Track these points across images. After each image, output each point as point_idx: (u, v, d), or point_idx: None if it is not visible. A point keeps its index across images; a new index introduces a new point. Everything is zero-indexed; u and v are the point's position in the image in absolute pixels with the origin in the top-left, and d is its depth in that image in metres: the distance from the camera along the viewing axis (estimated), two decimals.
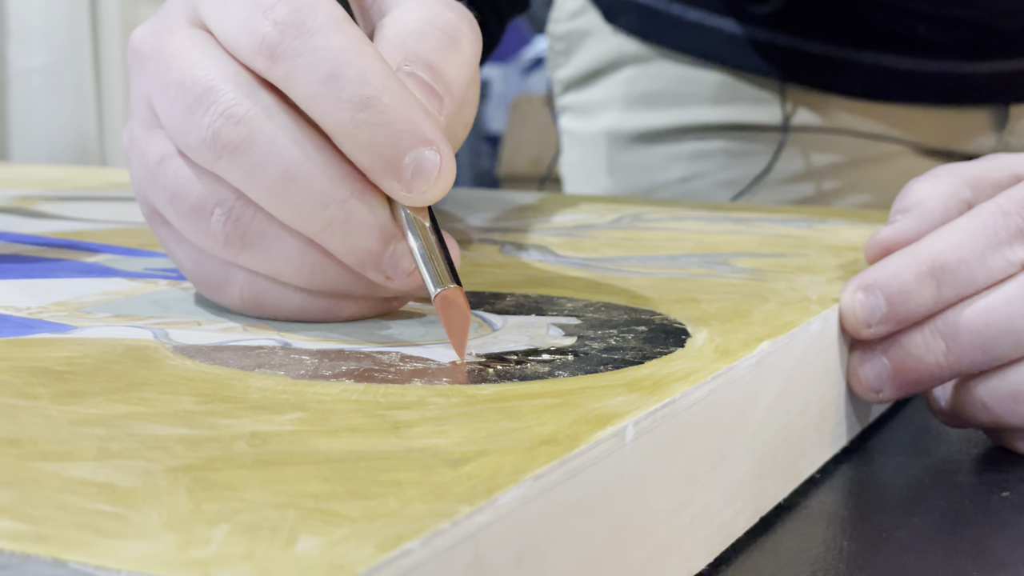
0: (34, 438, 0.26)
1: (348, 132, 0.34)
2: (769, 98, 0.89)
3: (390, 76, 0.34)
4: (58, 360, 0.32)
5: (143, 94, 0.37)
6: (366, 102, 0.33)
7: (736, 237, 0.55)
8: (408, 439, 0.26)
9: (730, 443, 0.33)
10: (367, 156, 0.34)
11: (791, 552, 0.34)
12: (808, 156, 0.90)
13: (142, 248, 0.50)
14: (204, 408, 0.28)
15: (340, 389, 0.30)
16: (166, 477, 0.23)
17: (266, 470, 0.24)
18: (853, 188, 0.91)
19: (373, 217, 0.34)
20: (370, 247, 0.35)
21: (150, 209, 0.38)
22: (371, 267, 0.35)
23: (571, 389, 0.30)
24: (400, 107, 0.33)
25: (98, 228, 0.56)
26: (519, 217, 0.62)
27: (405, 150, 0.33)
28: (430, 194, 0.34)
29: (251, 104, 0.34)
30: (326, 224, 0.34)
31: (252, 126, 0.34)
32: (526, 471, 0.24)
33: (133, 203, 0.65)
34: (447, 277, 0.34)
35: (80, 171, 0.86)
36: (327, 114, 0.34)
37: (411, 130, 0.33)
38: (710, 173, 0.92)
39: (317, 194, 0.34)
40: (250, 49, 0.34)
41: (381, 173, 0.34)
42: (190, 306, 0.39)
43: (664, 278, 0.45)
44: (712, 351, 0.34)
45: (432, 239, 0.34)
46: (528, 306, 0.40)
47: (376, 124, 0.33)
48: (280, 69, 0.34)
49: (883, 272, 0.40)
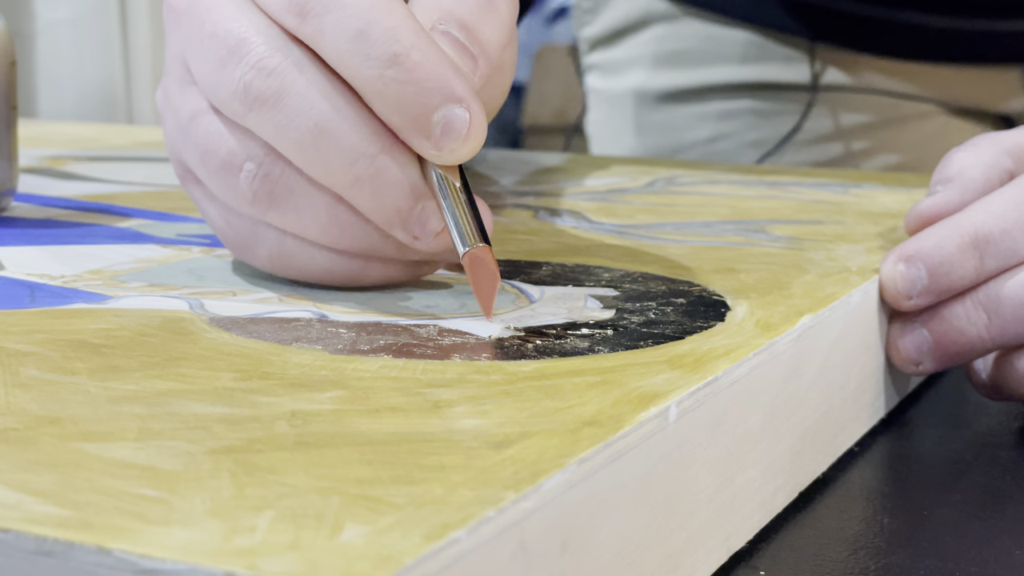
0: (74, 417, 0.25)
1: (377, 89, 0.33)
2: (798, 57, 0.88)
3: (419, 33, 0.33)
4: (95, 332, 0.32)
5: (177, 51, 0.37)
6: (394, 59, 0.33)
7: (772, 203, 0.55)
8: (449, 419, 0.26)
9: (771, 420, 0.32)
10: (396, 113, 0.33)
11: (831, 529, 0.33)
12: (837, 116, 0.89)
13: (174, 212, 0.50)
14: (243, 385, 0.28)
15: (379, 365, 0.29)
16: (208, 459, 0.23)
17: (308, 452, 0.24)
18: (883, 148, 0.90)
19: (403, 174, 0.34)
20: (398, 205, 0.34)
21: (183, 168, 0.38)
22: (399, 225, 0.35)
23: (612, 366, 0.30)
24: (429, 64, 0.33)
25: (129, 191, 0.55)
26: (551, 180, 0.62)
27: (434, 107, 0.33)
28: (460, 152, 0.33)
29: (283, 57, 0.34)
30: (354, 179, 0.34)
31: (283, 79, 0.34)
32: (570, 455, 0.24)
33: (164, 164, 0.65)
34: (475, 236, 0.33)
35: (109, 129, 0.86)
36: (356, 71, 0.33)
37: (440, 88, 0.33)
38: (738, 133, 0.91)
39: (346, 149, 0.34)
40: (280, 6, 0.34)
41: (410, 131, 0.33)
42: (225, 275, 0.39)
43: (701, 246, 0.44)
44: (753, 325, 0.34)
45: (462, 198, 0.34)
46: (564, 276, 0.39)
47: (404, 81, 0.33)
48: (310, 26, 0.34)
49: (925, 243, 0.40)
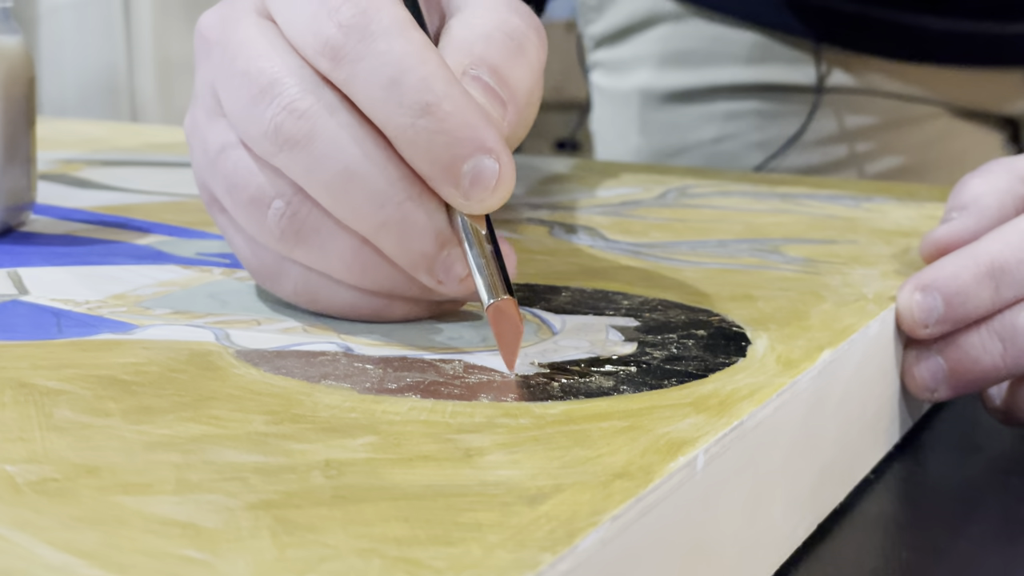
0: (112, 466, 0.26)
1: (408, 137, 0.33)
2: (803, 58, 0.88)
3: (452, 83, 0.33)
4: (124, 368, 0.32)
5: (207, 81, 0.37)
6: (426, 108, 0.33)
7: (784, 218, 0.55)
8: (482, 469, 0.26)
9: (793, 456, 0.33)
10: (426, 162, 0.34)
11: (850, 563, 0.34)
12: (842, 118, 0.90)
13: (192, 227, 0.50)
14: (275, 429, 0.28)
15: (408, 407, 0.30)
16: (247, 516, 0.23)
17: (345, 508, 0.24)
18: (887, 150, 0.90)
19: (429, 221, 0.34)
20: (424, 250, 0.35)
21: (209, 195, 0.38)
22: (424, 270, 0.35)
23: (638, 409, 0.30)
24: (461, 114, 0.33)
25: (145, 201, 0.56)
26: (562, 190, 0.62)
27: (464, 158, 0.33)
28: (488, 202, 0.34)
29: (314, 100, 0.34)
30: (381, 224, 0.34)
31: (314, 122, 0.34)
32: (603, 511, 0.24)
33: (176, 169, 0.65)
34: (500, 288, 0.33)
35: (118, 128, 0.86)
36: (387, 119, 0.34)
37: (471, 138, 0.33)
38: (743, 134, 0.91)
39: (374, 193, 0.34)
40: (314, 49, 0.34)
41: (439, 179, 0.34)
42: (248, 300, 0.39)
43: (716, 269, 0.45)
44: (774, 361, 0.34)
45: (487, 249, 0.34)
46: (584, 303, 0.40)
47: (435, 131, 0.33)
48: (343, 72, 0.34)
49: (941, 272, 0.40)
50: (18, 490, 0.24)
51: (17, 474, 0.25)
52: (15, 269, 0.42)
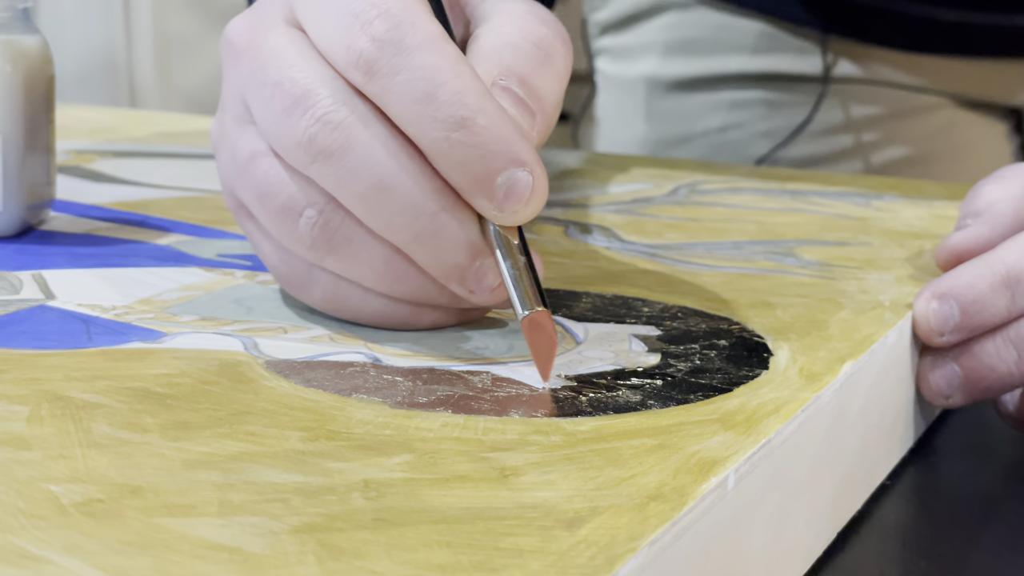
0: (154, 486, 0.26)
1: (442, 151, 0.34)
2: (810, 48, 0.89)
3: (486, 97, 0.34)
4: (157, 379, 0.33)
5: (236, 89, 0.38)
6: (461, 123, 0.33)
7: (796, 218, 0.55)
8: (518, 491, 0.27)
9: (816, 469, 0.33)
10: (460, 175, 0.34)
11: (869, 572, 0.34)
12: (848, 108, 0.90)
13: (210, 226, 0.50)
14: (312, 447, 0.29)
15: (440, 423, 0.30)
16: (292, 540, 0.24)
17: (387, 532, 0.24)
18: (893, 140, 0.91)
19: (462, 232, 0.35)
20: (457, 261, 0.35)
21: (236, 202, 0.39)
22: (456, 281, 0.35)
23: (666, 425, 0.31)
24: (495, 128, 0.34)
25: (161, 196, 0.56)
26: (574, 187, 0.63)
27: (498, 170, 0.34)
28: (521, 214, 0.34)
29: (348, 112, 0.35)
30: (415, 235, 0.35)
31: (349, 133, 0.34)
32: (641, 535, 0.24)
33: (187, 161, 0.66)
34: (535, 299, 0.34)
35: (127, 116, 0.86)
36: (422, 132, 0.34)
37: (505, 151, 0.34)
38: (749, 123, 0.92)
39: (408, 205, 0.34)
40: (347, 62, 0.34)
41: (473, 192, 0.34)
42: (273, 307, 0.39)
43: (733, 274, 0.45)
44: (797, 374, 0.34)
45: (521, 260, 0.34)
46: (604, 310, 0.40)
47: (470, 145, 0.33)
48: (377, 85, 0.34)
49: (957, 281, 0.41)
50: (64, 512, 0.25)
51: (62, 494, 0.26)
52: (40, 272, 0.42)
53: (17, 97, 0.46)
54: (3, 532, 0.24)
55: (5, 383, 0.32)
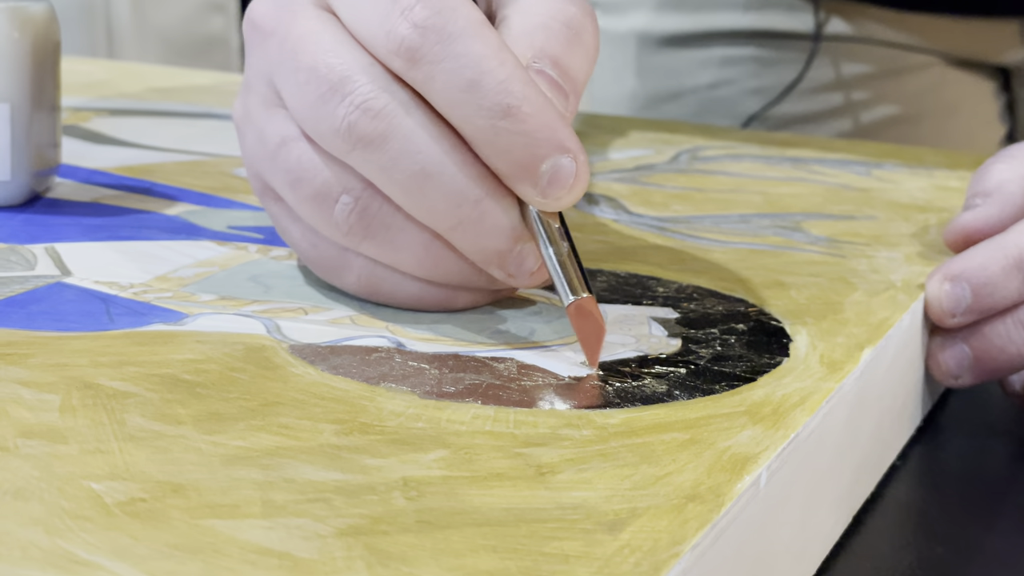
0: (195, 484, 0.26)
1: (487, 139, 0.34)
2: (802, 6, 0.88)
3: (529, 84, 0.34)
4: (184, 365, 0.33)
5: (262, 71, 0.37)
6: (507, 111, 0.33)
7: (800, 188, 0.56)
8: (556, 490, 0.27)
9: (837, 458, 0.34)
10: (504, 162, 0.34)
11: (886, 558, 0.35)
12: (839, 66, 0.90)
13: (217, 194, 0.50)
14: (346, 441, 0.29)
15: (471, 415, 0.30)
16: (339, 544, 0.24)
17: (432, 535, 0.25)
18: (883, 99, 0.91)
19: (505, 218, 0.35)
20: (498, 247, 0.35)
21: (262, 185, 0.38)
22: (496, 265, 0.35)
23: (695, 418, 0.31)
24: (539, 115, 0.34)
25: (163, 160, 0.56)
26: None
27: (543, 157, 0.34)
28: (564, 200, 0.34)
29: (389, 98, 0.34)
30: (457, 222, 0.35)
31: (390, 121, 0.34)
32: (683, 540, 0.25)
33: (184, 121, 0.65)
34: (580, 286, 0.34)
35: (115, 68, 0.86)
36: (466, 120, 0.34)
37: (550, 138, 0.34)
38: (739, 80, 0.91)
39: (452, 193, 0.34)
40: (387, 48, 0.34)
41: (517, 178, 0.34)
42: (290, 285, 0.39)
43: (743, 250, 0.45)
44: (817, 362, 0.35)
45: (564, 247, 0.35)
46: (620, 289, 0.40)
47: (515, 132, 0.34)
48: (420, 73, 0.34)
49: (970, 263, 0.41)
50: (109, 512, 0.25)
51: (104, 493, 0.26)
52: (52, 245, 0.42)
53: (25, 64, 0.46)
54: (51, 535, 0.24)
55: (32, 369, 0.32)
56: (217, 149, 0.59)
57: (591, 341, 0.34)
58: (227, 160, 0.56)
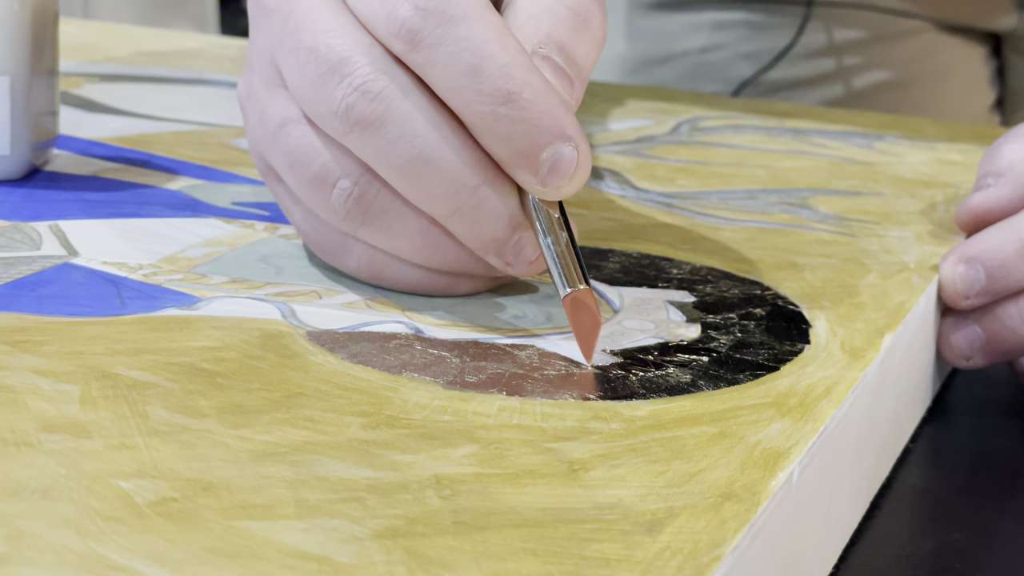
0: (226, 482, 0.26)
1: (487, 125, 0.33)
2: None
3: (532, 70, 0.33)
4: (201, 353, 0.32)
5: (265, 49, 0.37)
6: (508, 97, 0.33)
7: (803, 162, 0.55)
8: (590, 488, 0.26)
9: (859, 447, 0.33)
10: (504, 149, 0.34)
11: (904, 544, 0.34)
12: (831, 31, 0.90)
13: (217, 167, 0.49)
14: (374, 436, 0.28)
15: (498, 407, 0.30)
16: (377, 547, 0.24)
17: (470, 537, 0.24)
18: (875, 64, 0.90)
19: (503, 205, 0.34)
20: (496, 235, 0.35)
21: (265, 165, 0.38)
22: (494, 253, 0.35)
23: (722, 410, 0.31)
24: (541, 102, 0.33)
25: (159, 130, 0.55)
26: None
27: (543, 145, 0.33)
28: (565, 189, 0.34)
29: (388, 81, 0.34)
30: (455, 209, 0.34)
31: (388, 104, 0.34)
32: (722, 543, 0.25)
33: (176, 88, 0.64)
34: (576, 278, 0.34)
35: (101, 30, 0.84)
36: (466, 105, 0.33)
37: (551, 126, 0.33)
38: (731, 45, 0.91)
39: (449, 178, 0.34)
40: (388, 30, 0.34)
41: (517, 166, 0.34)
42: (301, 266, 0.39)
43: (753, 228, 0.45)
44: (838, 349, 0.35)
45: (563, 237, 0.34)
46: (634, 271, 0.40)
47: (516, 119, 0.33)
48: (420, 56, 0.33)
49: (984, 245, 0.41)
50: (141, 513, 0.25)
51: (134, 492, 0.25)
52: (56, 222, 0.41)
53: (25, 36, 0.45)
54: (84, 538, 0.24)
55: (48, 357, 0.31)
56: (213, 118, 0.58)
57: (586, 334, 0.33)
58: (224, 130, 0.55)
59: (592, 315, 0.33)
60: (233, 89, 0.64)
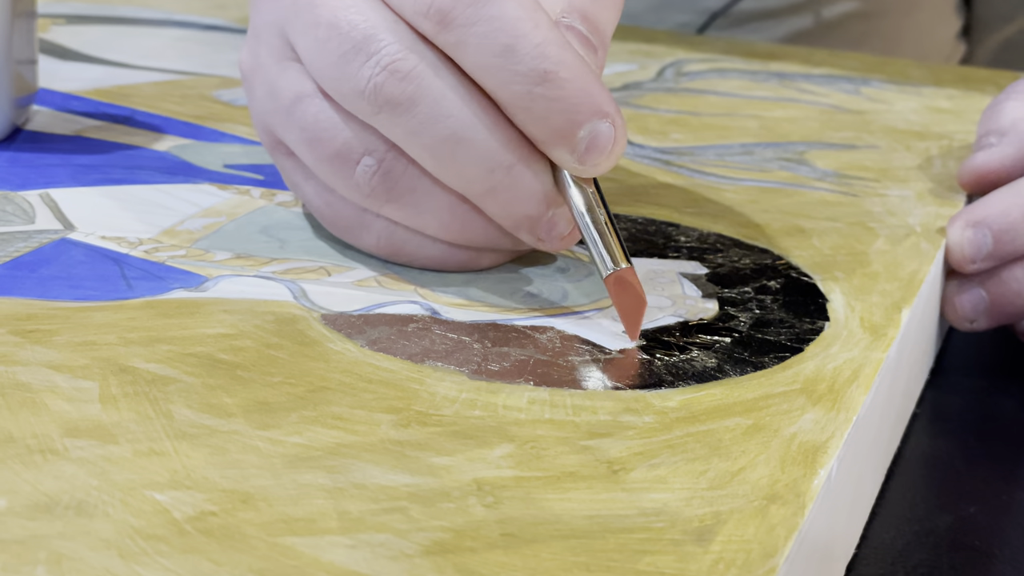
0: (264, 493, 0.25)
1: (524, 105, 0.32)
2: None
3: (565, 47, 0.32)
4: (217, 342, 0.31)
5: (273, 22, 0.35)
6: (544, 76, 0.32)
7: (793, 112, 0.55)
8: (633, 491, 0.26)
9: (880, 426, 0.33)
10: (541, 128, 0.33)
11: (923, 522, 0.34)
12: None
13: (203, 124, 0.48)
14: (407, 436, 0.28)
15: (527, 400, 0.30)
16: (429, 566, 0.23)
17: (520, 551, 0.24)
18: None
19: (538, 183, 0.34)
20: (530, 212, 0.34)
21: (273, 140, 0.37)
22: (526, 231, 0.34)
23: (753, 399, 0.30)
24: (577, 80, 0.32)
25: (138, 80, 0.54)
26: None
27: (581, 123, 0.32)
28: (602, 166, 0.33)
29: (417, 59, 0.33)
30: (490, 188, 0.33)
31: (419, 83, 0.33)
32: (774, 552, 0.24)
33: (148, 30, 0.63)
34: (620, 256, 0.33)
35: None
36: (501, 85, 0.32)
37: (588, 103, 0.32)
38: None
39: (483, 158, 0.33)
40: (415, 10, 0.32)
41: (553, 143, 0.33)
42: (304, 238, 0.38)
43: (754, 188, 0.45)
44: (858, 326, 0.34)
45: (602, 215, 0.33)
46: (641, 239, 0.39)
47: (552, 98, 0.32)
48: (452, 36, 0.32)
49: (991, 209, 0.41)
50: (181, 530, 0.24)
51: (171, 506, 0.25)
52: (47, 191, 0.40)
53: None
54: (127, 560, 0.23)
55: (60, 349, 0.30)
56: (189, 66, 0.56)
57: (631, 314, 0.33)
58: (204, 80, 0.54)
59: (637, 294, 0.33)
60: (206, 32, 0.63)
